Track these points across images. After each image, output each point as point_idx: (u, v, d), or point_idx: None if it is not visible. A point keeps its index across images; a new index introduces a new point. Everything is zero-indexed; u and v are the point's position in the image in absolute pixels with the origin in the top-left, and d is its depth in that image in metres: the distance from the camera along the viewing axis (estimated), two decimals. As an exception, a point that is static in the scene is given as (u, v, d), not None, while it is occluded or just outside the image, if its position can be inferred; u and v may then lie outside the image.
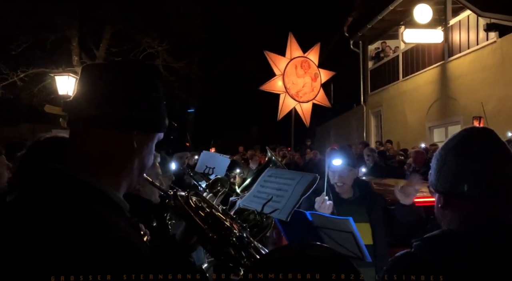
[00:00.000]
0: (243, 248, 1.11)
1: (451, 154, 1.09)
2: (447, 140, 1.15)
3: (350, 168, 2.72)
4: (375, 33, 14.15)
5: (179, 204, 1.20)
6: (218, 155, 4.20)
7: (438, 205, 1.12)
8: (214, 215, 1.19)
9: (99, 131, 0.91)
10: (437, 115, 11.22)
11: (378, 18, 12.68)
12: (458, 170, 1.06)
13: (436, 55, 11.30)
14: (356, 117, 16.56)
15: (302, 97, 10.35)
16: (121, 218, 0.88)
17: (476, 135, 1.10)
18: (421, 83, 12.01)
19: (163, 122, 1.01)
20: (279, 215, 1.43)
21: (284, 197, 1.48)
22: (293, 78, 10.24)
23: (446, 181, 1.08)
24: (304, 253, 0.78)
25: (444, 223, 1.11)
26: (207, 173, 3.83)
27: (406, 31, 11.06)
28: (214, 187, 3.25)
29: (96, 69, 0.98)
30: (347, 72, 15.89)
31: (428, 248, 1.04)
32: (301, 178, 1.53)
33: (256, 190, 1.66)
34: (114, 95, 0.92)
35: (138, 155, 0.97)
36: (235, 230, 1.16)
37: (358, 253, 2.24)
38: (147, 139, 0.99)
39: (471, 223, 1.04)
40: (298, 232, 2.40)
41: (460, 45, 10.43)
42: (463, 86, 10.21)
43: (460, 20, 10.46)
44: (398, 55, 13.27)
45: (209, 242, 1.15)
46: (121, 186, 0.96)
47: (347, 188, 2.75)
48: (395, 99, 13.41)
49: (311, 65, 10.65)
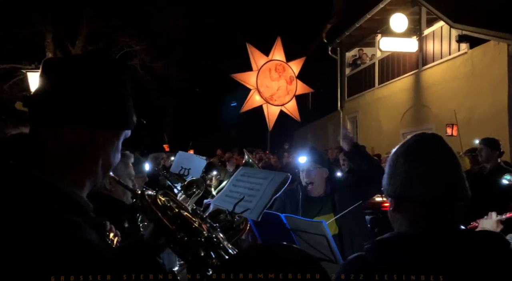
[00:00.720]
0: (212, 248, 1.10)
1: (401, 159, 1.13)
2: (398, 145, 1.18)
3: (316, 166, 2.74)
4: (353, 40, 14.41)
5: (147, 204, 1.18)
6: (194, 156, 4.17)
7: (390, 209, 1.15)
8: (183, 215, 1.17)
9: (60, 128, 0.88)
10: (411, 122, 11.52)
11: (356, 26, 12.92)
12: (407, 174, 1.09)
13: (410, 64, 11.62)
14: (333, 122, 16.80)
15: (277, 100, 10.44)
16: (81, 218, 0.85)
17: (424, 141, 1.14)
18: (396, 91, 12.31)
19: (130, 119, 0.99)
20: (250, 214, 1.42)
21: (255, 197, 1.47)
22: (267, 81, 10.31)
23: (396, 185, 1.11)
24: (273, 254, 0.78)
25: (396, 226, 1.14)
26: (183, 174, 3.79)
27: (382, 39, 11.32)
28: (190, 189, 3.21)
29: (58, 63, 0.95)
30: (325, 77, 16.12)
31: (377, 251, 1.06)
32: (273, 178, 1.54)
33: (228, 189, 1.66)
34: (77, 90, 0.89)
35: (102, 153, 0.94)
36: (204, 230, 1.14)
37: (331, 256, 2.27)
38: (113, 137, 0.96)
39: (419, 225, 1.07)
40: (272, 234, 2.40)
41: (434, 54, 10.76)
42: (436, 94, 10.53)
43: (433, 31, 10.80)
44: (375, 63, 13.56)
45: (176, 242, 1.13)
46: (84, 185, 0.93)
47: (317, 187, 2.77)
48: (371, 106, 13.69)
49: (286, 68, 10.74)
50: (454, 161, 1.12)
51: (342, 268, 1.11)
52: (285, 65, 10.68)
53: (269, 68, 10.43)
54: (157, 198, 1.22)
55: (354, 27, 13.03)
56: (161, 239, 1.21)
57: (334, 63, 15.70)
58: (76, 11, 14.09)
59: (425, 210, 1.08)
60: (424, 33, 11.11)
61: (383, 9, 11.58)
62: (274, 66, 10.60)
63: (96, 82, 0.91)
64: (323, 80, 16.19)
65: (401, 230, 1.12)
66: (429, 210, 1.07)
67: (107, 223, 1.78)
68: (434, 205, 1.07)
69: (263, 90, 10.22)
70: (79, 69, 0.92)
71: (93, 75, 0.92)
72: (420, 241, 1.03)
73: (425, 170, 1.08)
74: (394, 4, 11.39)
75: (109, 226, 1.77)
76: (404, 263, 1.00)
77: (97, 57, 1.00)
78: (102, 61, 0.98)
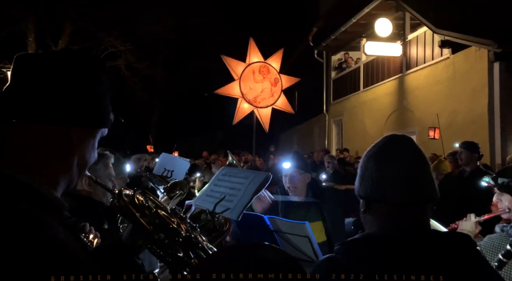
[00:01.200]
0: (191, 248, 1.08)
1: (372, 161, 1.13)
2: (370, 147, 1.19)
3: (300, 171, 2.74)
4: (339, 44, 14.57)
5: (124, 204, 1.15)
6: (178, 158, 4.13)
7: (361, 210, 1.16)
8: (161, 215, 1.15)
9: (33, 125, 0.85)
10: (395, 125, 11.68)
11: (341, 30, 13.06)
12: (377, 175, 1.10)
13: (394, 68, 11.80)
14: (318, 125, 16.92)
15: (261, 102, 10.43)
16: (54, 217, 0.83)
17: (394, 143, 1.15)
18: (380, 94, 12.48)
19: (107, 117, 0.97)
20: (231, 214, 1.41)
21: (236, 196, 1.47)
22: (250, 83, 10.29)
23: (367, 186, 1.12)
24: (250, 254, 0.78)
25: (367, 227, 1.15)
26: (166, 175, 3.76)
27: (367, 43, 11.47)
28: (173, 190, 3.17)
29: (31, 59, 0.92)
30: (311, 80, 16.23)
31: (347, 251, 1.07)
32: (254, 177, 1.53)
33: (209, 189, 1.64)
34: (51, 87, 0.87)
35: (78, 152, 0.92)
36: (183, 230, 1.13)
37: (313, 257, 2.27)
38: (88, 135, 0.94)
39: (388, 226, 1.08)
40: (255, 236, 2.39)
41: (417, 59, 10.95)
42: (419, 98, 10.71)
43: (417, 36, 10.99)
44: (360, 67, 13.72)
45: (155, 243, 1.11)
46: (58, 183, 0.90)
47: (300, 192, 2.77)
48: (356, 109, 13.84)
49: (270, 70, 10.74)
50: (423, 163, 1.13)
51: (314, 269, 1.11)
52: (269, 67, 10.67)
53: (252, 71, 10.41)
54: (135, 198, 1.20)
55: (340, 31, 13.18)
56: (139, 240, 1.19)
57: (320, 66, 15.85)
58: (60, 9, 13.85)
59: (394, 211, 1.08)
60: (408, 38, 11.31)
61: (368, 14, 11.74)
62: (258, 68, 10.59)
63: (73, 79, 0.90)
64: (309, 83, 16.29)
65: (371, 231, 1.12)
66: (398, 211, 1.08)
67: (87, 225, 1.75)
68: (403, 207, 1.08)
69: (246, 92, 10.19)
70: (54, 65, 0.90)
71: (70, 72, 0.90)
72: (389, 242, 1.04)
73: (394, 172, 1.09)
74: (379, 9, 11.56)
75: (88, 227, 1.73)
76: (373, 264, 1.01)
77: (73, 54, 0.99)
78: (78, 57, 0.96)
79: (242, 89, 10.27)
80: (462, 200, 4.06)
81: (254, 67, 10.60)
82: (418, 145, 1.16)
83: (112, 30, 14.60)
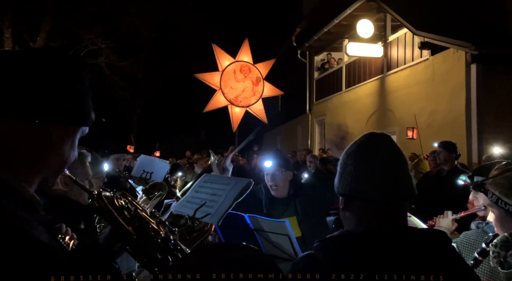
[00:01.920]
0: (169, 251, 1.07)
1: (351, 158, 1.14)
2: (349, 144, 1.20)
3: (281, 169, 2.77)
4: (321, 44, 14.69)
5: (103, 205, 1.13)
6: (157, 160, 4.10)
7: (340, 207, 1.17)
8: (140, 216, 1.14)
9: (11, 122, 0.84)
10: (376, 125, 11.85)
11: (324, 30, 13.18)
12: (356, 173, 1.11)
13: (376, 69, 11.97)
14: (302, 125, 17.03)
15: (242, 101, 10.41)
16: (29, 213, 0.82)
17: (373, 141, 1.16)
18: (362, 95, 12.64)
19: (88, 115, 0.96)
20: (211, 219, 1.41)
21: (217, 202, 1.46)
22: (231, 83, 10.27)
23: (346, 184, 1.13)
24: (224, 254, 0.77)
25: (346, 224, 1.16)
26: (145, 177, 3.72)
27: (349, 44, 11.60)
28: (152, 192, 3.14)
29: (11, 56, 0.91)
30: (294, 80, 16.31)
31: (326, 249, 1.07)
32: (235, 184, 1.53)
33: (190, 195, 1.64)
34: (30, 83, 0.86)
35: (56, 150, 0.91)
36: (162, 232, 1.11)
37: (293, 255, 2.28)
38: (68, 133, 0.93)
39: (366, 223, 1.09)
40: (236, 235, 2.38)
41: (398, 60, 11.14)
42: (399, 99, 10.90)
43: (398, 37, 11.18)
44: (342, 67, 13.87)
45: (133, 244, 1.09)
46: (34, 182, 0.89)
47: (282, 190, 2.80)
48: (338, 109, 13.98)
49: (252, 69, 10.74)
50: (401, 160, 1.14)
51: (292, 266, 1.11)
52: (251, 66, 10.67)
53: (233, 70, 10.39)
54: (115, 199, 1.18)
55: (323, 32, 13.29)
56: (117, 242, 1.18)
57: (303, 66, 15.94)
58: (38, 4, 13.51)
59: (372, 208, 1.09)
60: (389, 39, 11.49)
61: (350, 15, 11.88)
62: (239, 67, 10.57)
63: (51, 76, 0.89)
64: (292, 83, 16.36)
65: (349, 228, 1.13)
66: (376, 209, 1.09)
67: (63, 226, 1.70)
68: (381, 204, 1.09)
69: (227, 91, 10.16)
70: (34, 62, 0.89)
71: (48, 69, 0.89)
72: (366, 239, 1.04)
73: (372, 169, 1.10)
74: (360, 10, 11.72)
75: (65, 228, 1.69)
76: (350, 261, 1.01)
77: (53, 51, 0.96)
78: (59, 55, 0.95)
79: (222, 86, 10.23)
80: (440, 198, 4.14)
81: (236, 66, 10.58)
82: (396, 143, 1.17)
83: (92, 27, 14.32)
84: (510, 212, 1.38)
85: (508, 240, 1.36)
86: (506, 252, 1.34)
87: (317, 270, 1.00)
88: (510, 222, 1.39)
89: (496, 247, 1.38)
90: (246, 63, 10.71)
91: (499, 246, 1.37)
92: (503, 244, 1.36)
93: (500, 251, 1.36)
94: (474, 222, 2.46)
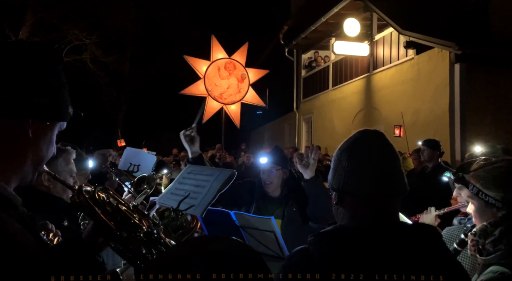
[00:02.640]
0: (153, 244, 1.06)
1: (345, 154, 1.16)
2: (343, 141, 1.22)
3: (277, 167, 2.77)
4: (309, 42, 14.74)
5: (84, 200, 1.12)
6: (144, 152, 4.05)
7: (333, 202, 1.18)
8: (122, 211, 1.13)
9: None
10: (362, 123, 11.97)
11: (311, 29, 13.22)
12: (349, 169, 1.13)
13: (362, 68, 12.07)
14: (289, 123, 17.08)
15: (227, 98, 10.38)
16: (7, 211, 0.80)
17: (366, 137, 1.18)
18: (348, 93, 12.74)
19: (65, 110, 0.94)
20: (195, 211, 1.40)
21: (201, 194, 1.45)
22: (215, 80, 10.22)
23: (339, 179, 1.14)
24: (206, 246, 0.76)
25: (338, 220, 1.17)
26: (132, 170, 3.67)
27: (336, 43, 11.67)
28: (140, 185, 3.09)
29: None
30: (282, 78, 16.34)
31: (319, 243, 1.08)
32: (219, 175, 1.52)
33: (174, 187, 1.62)
34: (2, 78, 0.83)
35: (33, 146, 0.89)
36: (144, 226, 1.10)
37: (279, 252, 2.29)
38: (45, 128, 0.91)
39: (359, 218, 1.11)
40: (222, 232, 2.38)
41: (383, 59, 11.26)
42: (385, 97, 11.02)
43: (384, 36, 11.30)
44: (329, 66, 13.95)
45: (116, 239, 1.08)
46: (12, 178, 0.87)
47: (276, 188, 2.79)
48: (325, 107, 14.07)
49: (237, 66, 10.70)
50: (393, 157, 1.16)
51: (286, 260, 1.12)
52: (236, 63, 10.62)
53: (217, 67, 10.32)
54: (96, 194, 1.17)
55: (310, 30, 13.33)
56: (100, 237, 1.16)
57: (290, 64, 15.98)
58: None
59: (365, 204, 1.11)
60: (375, 38, 11.60)
61: (337, 14, 11.95)
62: (224, 64, 10.52)
63: (26, 69, 0.86)
64: (279, 81, 16.39)
65: (343, 223, 1.14)
66: (369, 204, 1.11)
67: (48, 223, 1.68)
68: (374, 200, 1.11)
69: (211, 89, 10.10)
70: (6, 55, 0.86)
71: (23, 63, 0.87)
72: (359, 234, 1.06)
73: (365, 165, 1.12)
74: (347, 9, 11.79)
75: (50, 225, 1.67)
76: (344, 255, 1.03)
77: (26, 44, 0.94)
78: (32, 48, 0.92)
79: (207, 86, 10.18)
80: (424, 195, 4.21)
81: (219, 64, 10.54)
82: (389, 140, 1.19)
83: (77, 22, 14.06)
84: (489, 203, 1.43)
85: (487, 228, 1.41)
86: (485, 239, 1.40)
87: (310, 263, 1.01)
88: (488, 213, 1.45)
89: (475, 236, 1.43)
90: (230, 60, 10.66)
91: (478, 234, 1.43)
92: (482, 233, 1.42)
93: (479, 239, 1.42)
94: (457, 218, 2.52)
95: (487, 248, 1.39)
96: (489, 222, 1.42)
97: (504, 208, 1.40)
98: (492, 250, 1.37)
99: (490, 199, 1.42)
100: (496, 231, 1.39)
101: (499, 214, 1.41)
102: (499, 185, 1.42)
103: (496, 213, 1.42)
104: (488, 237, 1.40)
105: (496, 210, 1.42)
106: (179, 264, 0.70)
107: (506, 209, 1.40)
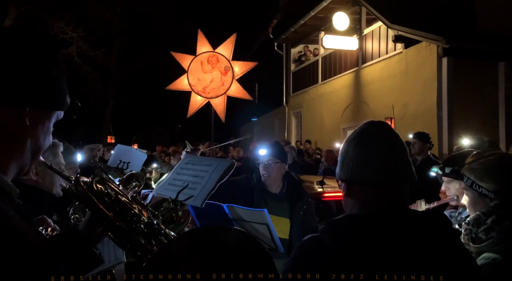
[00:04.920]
0: (153, 235, 1.05)
1: (352, 145, 1.18)
2: (351, 133, 1.24)
3: (275, 160, 2.76)
4: (298, 36, 14.73)
5: (81, 190, 1.10)
6: (134, 149, 4.00)
7: (343, 194, 1.20)
8: (121, 201, 1.11)
9: None
10: (351, 117, 12.05)
11: (301, 23, 13.21)
12: (357, 158, 1.15)
13: (351, 62, 12.12)
14: (278, 117, 17.09)
15: (210, 92, 10.31)
16: (5, 202, 0.78)
17: (372, 128, 1.21)
18: (337, 87, 12.80)
19: (63, 99, 0.92)
20: (194, 201, 1.38)
21: (200, 184, 1.43)
22: (198, 74, 10.15)
23: (348, 170, 1.16)
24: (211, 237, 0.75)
25: (347, 210, 1.19)
26: (121, 167, 3.63)
27: (325, 37, 11.68)
28: (129, 182, 3.06)
29: None
30: (271, 73, 16.31)
31: (330, 230, 1.10)
32: (218, 165, 1.50)
33: (172, 177, 1.60)
34: (1, 65, 0.81)
35: (31, 135, 0.87)
36: (144, 216, 1.08)
37: (272, 245, 2.29)
38: (43, 117, 0.89)
39: (369, 206, 1.13)
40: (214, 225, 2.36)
41: (372, 53, 11.32)
42: (374, 91, 11.10)
43: (372, 30, 11.35)
44: (318, 60, 13.97)
45: (115, 230, 1.06)
46: (9, 169, 0.85)
47: (274, 181, 2.78)
48: (314, 101, 14.11)
49: (220, 59, 10.62)
50: (400, 145, 1.19)
51: (297, 247, 1.13)
52: (219, 56, 10.55)
53: (200, 61, 10.24)
54: (94, 184, 1.15)
55: (299, 24, 13.32)
56: (98, 228, 1.15)
57: (280, 58, 15.95)
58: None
59: (374, 192, 1.13)
60: (364, 32, 11.64)
61: (326, 7, 11.95)
62: (207, 58, 10.44)
63: (24, 57, 0.84)
64: (269, 75, 16.36)
65: (353, 212, 1.16)
66: (378, 192, 1.13)
67: (46, 218, 1.65)
68: (383, 187, 1.13)
69: (194, 83, 10.03)
70: (6, 41, 0.84)
71: (22, 50, 0.84)
72: (369, 221, 1.07)
73: (373, 154, 1.13)
74: (336, 3, 11.80)
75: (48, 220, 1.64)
76: (354, 242, 1.04)
77: (26, 30, 0.91)
78: (31, 35, 0.89)
79: (190, 80, 10.11)
80: (413, 187, 4.26)
81: (202, 58, 10.46)
82: (394, 130, 1.22)
83: (63, 15, 13.78)
84: (482, 194, 1.50)
85: (480, 217, 1.48)
86: (478, 228, 1.47)
87: (321, 250, 1.02)
88: (481, 203, 1.51)
89: (468, 225, 1.51)
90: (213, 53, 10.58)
91: (471, 223, 1.50)
92: (475, 222, 1.49)
93: (472, 228, 1.49)
94: (447, 211, 2.54)
95: (480, 236, 1.45)
96: (482, 211, 1.49)
97: (496, 198, 1.47)
98: (485, 238, 1.44)
99: (483, 190, 1.49)
100: (489, 220, 1.45)
101: (492, 204, 1.48)
102: (492, 177, 1.49)
103: (488, 203, 1.49)
104: (481, 226, 1.46)
105: (489, 201, 1.49)
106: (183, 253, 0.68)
107: (498, 199, 1.47)
